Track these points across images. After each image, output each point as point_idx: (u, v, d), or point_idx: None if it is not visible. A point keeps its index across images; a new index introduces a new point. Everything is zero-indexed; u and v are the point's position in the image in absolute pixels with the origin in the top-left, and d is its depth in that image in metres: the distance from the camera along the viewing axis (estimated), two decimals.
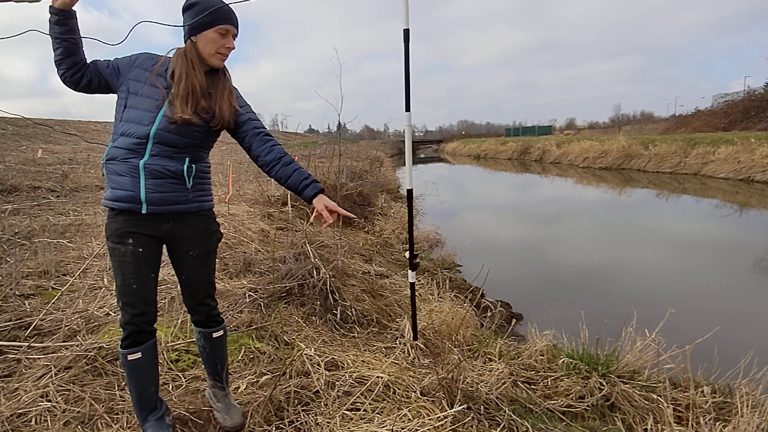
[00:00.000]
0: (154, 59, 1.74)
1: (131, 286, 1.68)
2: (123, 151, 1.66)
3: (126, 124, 1.67)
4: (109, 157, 1.68)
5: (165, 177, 1.69)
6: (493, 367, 2.80)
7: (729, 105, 30.51)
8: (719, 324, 2.96)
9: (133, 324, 1.70)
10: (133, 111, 1.67)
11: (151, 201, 1.67)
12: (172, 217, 1.73)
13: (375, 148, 30.42)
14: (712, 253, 6.95)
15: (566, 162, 24.97)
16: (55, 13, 1.58)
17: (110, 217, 1.70)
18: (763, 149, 14.21)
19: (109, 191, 1.68)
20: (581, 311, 3.30)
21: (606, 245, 7.75)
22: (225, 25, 1.71)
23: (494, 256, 7.12)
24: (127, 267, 1.68)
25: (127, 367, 1.74)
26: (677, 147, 18.18)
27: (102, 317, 2.77)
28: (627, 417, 2.59)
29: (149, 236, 1.71)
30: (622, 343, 3.02)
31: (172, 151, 1.69)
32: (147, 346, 1.75)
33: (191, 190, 1.76)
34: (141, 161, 1.65)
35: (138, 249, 1.69)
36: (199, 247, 1.82)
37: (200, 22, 1.68)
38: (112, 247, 1.69)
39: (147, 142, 1.65)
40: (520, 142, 34.46)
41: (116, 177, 1.66)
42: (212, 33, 1.70)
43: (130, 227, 1.68)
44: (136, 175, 1.65)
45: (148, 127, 1.65)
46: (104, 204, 1.71)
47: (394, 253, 6.45)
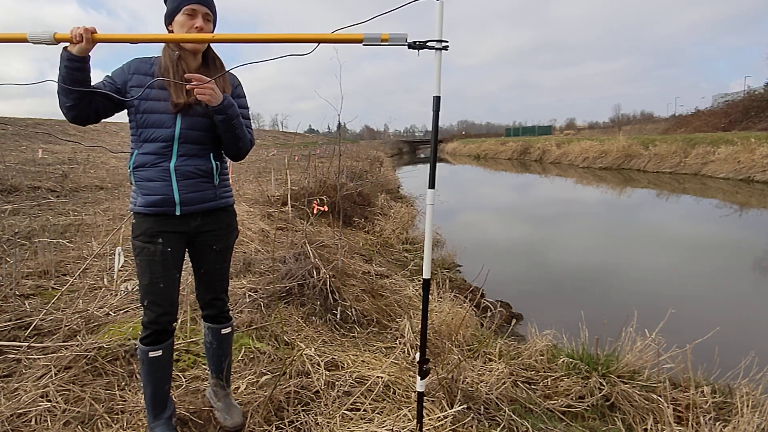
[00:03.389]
0: (149, 62, 1.73)
1: (158, 285, 1.70)
2: (152, 157, 1.68)
3: (147, 129, 1.68)
4: (137, 165, 1.69)
5: (195, 177, 1.73)
6: (493, 367, 2.80)
7: (729, 105, 30.52)
8: (719, 324, 2.96)
9: (158, 323, 1.72)
10: (151, 116, 1.67)
11: (185, 202, 1.71)
12: (200, 215, 1.78)
13: (375, 148, 30.45)
14: (712, 253, 6.95)
15: (566, 162, 24.97)
16: (74, 60, 1.53)
17: (139, 219, 1.72)
18: (763, 149, 14.22)
19: (141, 198, 1.69)
20: (581, 311, 3.30)
21: (606, 245, 7.75)
22: (191, 5, 1.67)
23: (494, 257, 7.12)
24: (155, 266, 1.70)
25: (147, 364, 1.75)
26: (677, 147, 18.19)
27: (102, 317, 2.77)
28: (627, 417, 2.59)
29: (179, 234, 1.75)
30: (622, 343, 3.01)
31: (198, 148, 1.73)
32: (167, 345, 1.78)
33: (218, 187, 1.82)
34: (171, 164, 1.68)
35: (167, 248, 1.72)
36: (222, 242, 1.87)
37: (170, 9, 1.68)
38: (141, 246, 1.70)
39: (173, 144, 1.68)
40: (520, 142, 34.47)
41: (147, 183, 1.68)
42: (181, 17, 1.67)
43: (161, 227, 1.71)
44: (167, 179, 1.68)
45: (171, 129, 1.67)
46: (136, 210, 1.72)
47: (394, 253, 6.45)
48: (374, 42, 1.47)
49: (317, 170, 8.37)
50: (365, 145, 37.82)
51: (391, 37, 1.47)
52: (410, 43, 1.49)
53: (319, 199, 6.18)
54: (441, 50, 1.49)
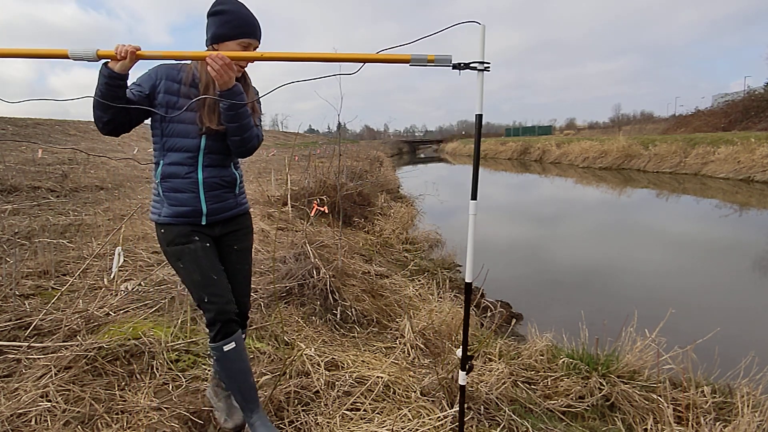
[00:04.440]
0: (178, 69, 1.72)
1: (212, 277, 1.73)
2: (180, 168, 1.71)
3: (172, 139, 1.70)
4: (165, 175, 1.72)
5: (220, 188, 1.79)
6: (493, 367, 2.80)
7: (729, 105, 30.51)
8: (720, 324, 2.97)
9: (224, 313, 1.74)
10: (177, 125, 1.69)
11: (210, 212, 1.77)
12: (222, 222, 1.84)
13: (375, 148, 30.45)
14: (712, 253, 6.95)
15: (566, 162, 24.97)
16: (116, 77, 1.52)
17: (165, 229, 1.75)
18: (763, 149, 14.22)
19: (168, 208, 1.73)
20: (581, 311, 3.30)
21: (606, 245, 7.75)
22: (248, 39, 1.70)
23: (494, 256, 7.12)
24: (203, 261, 1.74)
25: (225, 360, 1.76)
26: (677, 147, 18.18)
27: (102, 317, 2.77)
28: (627, 417, 2.60)
29: (209, 236, 1.82)
30: (623, 343, 3.02)
31: (222, 158, 1.77)
32: (238, 335, 1.79)
33: (237, 195, 1.89)
34: (199, 176, 1.73)
35: (206, 244, 1.78)
36: (242, 242, 1.93)
37: (222, 32, 1.67)
38: (180, 249, 1.74)
39: (198, 154, 1.71)
40: (520, 142, 34.47)
41: (175, 194, 1.72)
42: (234, 45, 1.68)
43: (192, 231, 1.76)
44: (195, 190, 1.73)
45: (196, 139, 1.70)
46: (161, 221, 1.75)
47: (394, 253, 6.45)
48: (421, 63, 1.50)
49: (317, 170, 8.36)
50: (365, 145, 37.82)
51: (437, 58, 1.50)
52: (455, 64, 1.53)
53: (319, 199, 6.18)
54: (483, 71, 1.54)
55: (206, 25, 1.72)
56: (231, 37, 1.67)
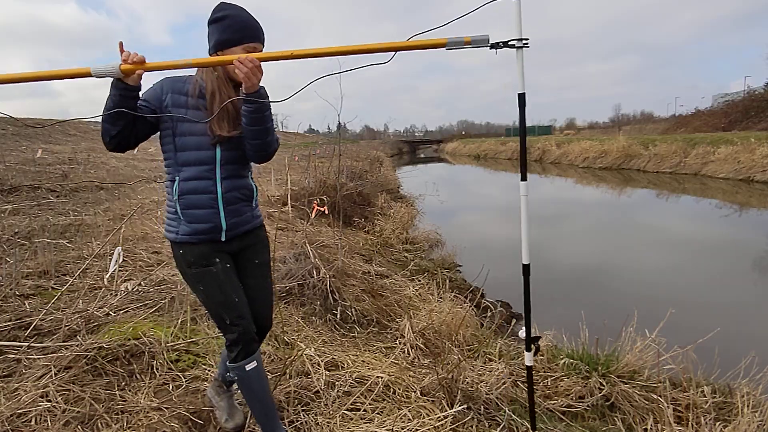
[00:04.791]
0: (183, 81, 1.67)
1: (234, 300, 1.70)
2: (198, 183, 1.65)
3: (185, 153, 1.64)
4: (183, 192, 1.65)
5: (239, 201, 1.74)
6: (493, 367, 2.81)
7: (729, 105, 30.50)
8: (720, 324, 2.97)
9: (247, 333, 1.72)
10: (189, 138, 1.63)
11: (230, 227, 1.71)
12: (240, 236, 1.78)
13: (375, 148, 30.47)
14: (712, 253, 6.95)
15: (566, 162, 24.97)
16: (130, 89, 1.50)
17: (184, 248, 1.69)
18: (763, 149, 14.21)
19: (186, 226, 1.67)
20: (581, 311, 3.30)
21: (606, 245, 7.75)
22: (253, 43, 1.66)
23: (494, 256, 7.12)
24: (225, 284, 1.70)
25: (247, 380, 1.75)
26: (677, 147, 18.18)
27: (102, 317, 2.77)
28: (627, 417, 2.60)
29: (227, 254, 1.76)
30: (623, 343, 3.02)
31: (238, 168, 1.72)
32: (257, 353, 1.78)
33: (254, 207, 1.84)
34: (218, 190, 1.67)
35: (227, 264, 1.73)
36: (261, 255, 1.88)
37: (226, 38, 1.63)
38: (200, 272, 1.69)
39: (215, 166, 1.66)
40: None
41: (194, 211, 1.66)
42: (240, 50, 1.63)
43: (212, 250, 1.70)
44: (215, 206, 1.67)
45: (211, 150, 1.65)
46: (180, 240, 1.69)
47: (394, 253, 6.45)
48: (457, 46, 1.45)
49: (317, 170, 8.37)
50: (365, 145, 37.84)
51: (474, 39, 1.46)
52: (492, 44, 1.47)
53: (319, 199, 6.18)
54: (522, 48, 1.49)
55: (208, 33, 1.68)
56: (235, 43, 1.63)
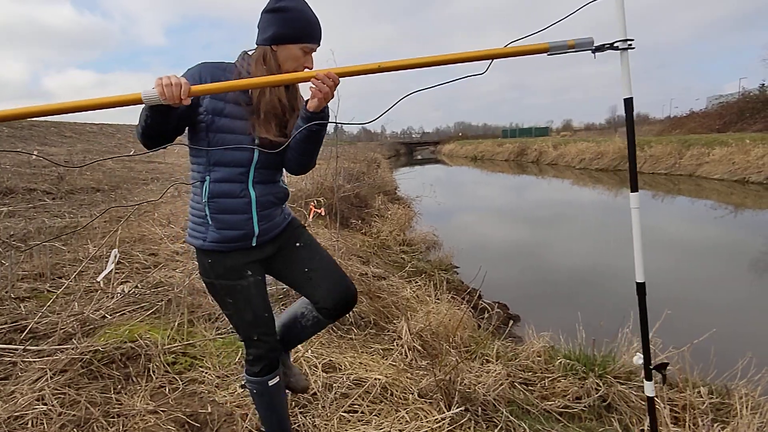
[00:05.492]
0: (224, 69, 1.50)
1: (264, 316, 1.62)
2: (232, 186, 1.51)
3: (220, 152, 1.48)
4: (214, 194, 1.50)
5: (273, 206, 1.62)
6: (491, 369, 2.81)
7: (723, 106, 30.61)
8: (716, 325, 2.97)
9: (274, 351, 1.66)
10: (226, 135, 1.47)
11: (261, 233, 1.59)
12: (271, 239, 1.66)
13: (372, 150, 30.46)
14: (707, 254, 6.99)
15: (563, 163, 25.05)
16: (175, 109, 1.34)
17: (213, 257, 1.56)
18: (758, 150, 14.31)
19: (215, 232, 1.52)
20: (578, 312, 3.32)
21: (602, 247, 7.77)
22: (312, 43, 1.52)
23: (491, 258, 7.14)
24: (255, 300, 1.60)
25: (268, 395, 1.70)
26: (672, 148, 18.27)
27: (98, 320, 2.76)
28: (624, 417, 2.60)
29: (260, 262, 1.64)
30: (619, 344, 3.03)
31: (272, 173, 1.59)
32: (279, 368, 1.72)
33: (284, 209, 1.72)
34: (252, 194, 1.53)
35: (258, 277, 1.63)
36: (301, 238, 1.73)
37: (285, 32, 1.47)
38: (230, 285, 1.57)
39: (250, 169, 1.52)
40: (517, 144, 34.55)
41: (225, 216, 1.52)
42: (297, 49, 1.49)
43: (244, 259, 1.59)
44: (249, 211, 1.54)
45: (248, 152, 1.49)
46: (207, 248, 1.55)
47: (392, 254, 6.46)
48: (561, 50, 1.38)
49: (314, 172, 8.37)
50: (362, 146, 37.82)
51: (578, 43, 1.38)
52: (597, 47, 1.39)
53: (316, 201, 6.18)
54: (627, 50, 1.40)
55: (262, 21, 1.50)
56: (294, 40, 1.48)
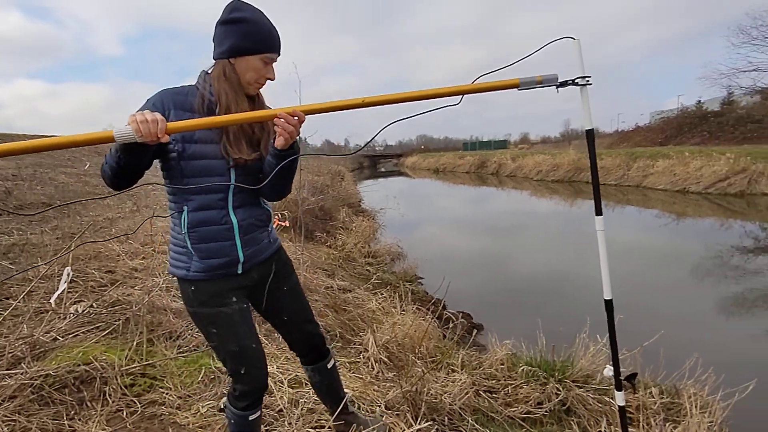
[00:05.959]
0: (186, 93, 1.45)
1: (250, 347, 1.56)
2: (211, 213, 1.47)
3: (195, 179, 1.44)
4: (193, 224, 1.46)
5: (256, 229, 1.58)
6: (456, 378, 2.86)
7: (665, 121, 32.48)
8: (664, 327, 3.14)
9: (262, 387, 1.61)
10: (199, 162, 1.43)
11: (247, 259, 1.55)
12: (258, 266, 1.62)
13: (336, 163, 30.40)
14: (654, 260, 7.39)
15: (521, 175, 25.88)
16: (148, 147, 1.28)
17: (196, 285, 1.51)
18: (696, 163, 15.35)
19: (198, 262, 1.48)
20: (538, 320, 3.43)
21: (560, 256, 8.07)
22: (272, 53, 1.48)
23: (455, 268, 7.26)
24: (240, 328, 1.54)
25: (247, 427, 1.64)
26: (621, 160, 19.27)
27: (49, 342, 2.61)
28: (582, 420, 2.69)
29: (243, 289, 1.60)
30: (577, 349, 3.14)
31: (251, 194, 1.54)
32: (261, 404, 1.69)
33: (270, 231, 1.68)
34: (234, 219, 1.50)
35: (243, 305, 1.58)
36: (289, 280, 1.73)
37: (243, 45, 1.43)
38: (215, 313, 1.51)
39: (228, 195, 1.49)
40: (478, 156, 35.42)
41: (208, 245, 1.48)
42: (257, 60, 1.45)
43: (228, 286, 1.54)
44: (231, 237, 1.50)
45: (224, 176, 1.46)
46: (191, 277, 1.50)
47: (357, 266, 6.46)
48: (530, 85, 1.50)
49: None
50: (326, 159, 37.70)
51: (544, 79, 1.52)
52: (561, 82, 1.55)
53: (280, 213, 6.11)
54: (585, 85, 1.57)
55: (218, 34, 1.46)
56: (254, 51, 1.44)
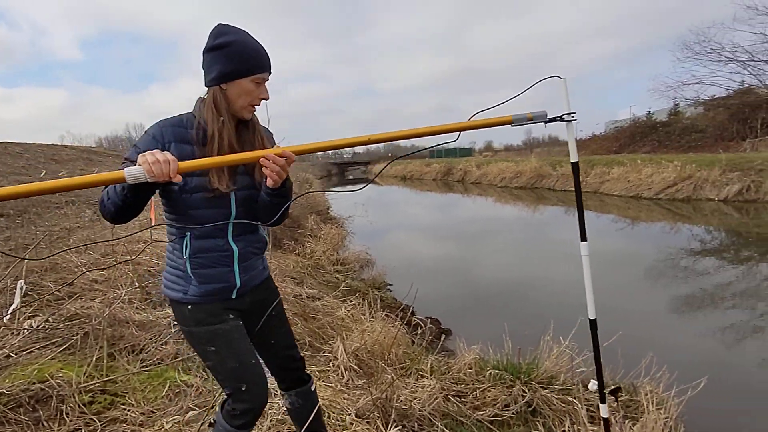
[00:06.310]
0: (184, 124, 1.46)
1: (250, 362, 1.55)
2: (213, 241, 1.50)
3: (197, 210, 1.45)
4: (195, 251, 1.49)
5: (253, 257, 1.61)
6: (425, 384, 2.88)
7: (618, 131, 33.88)
8: (621, 328, 3.28)
9: (262, 405, 1.58)
10: (200, 195, 1.44)
11: (242, 285, 1.58)
12: (251, 291, 1.63)
13: (304, 170, 30.13)
14: (611, 263, 7.71)
15: (486, 182, 26.45)
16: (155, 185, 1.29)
17: (193, 307, 1.52)
18: (648, 170, 16.16)
19: (196, 287, 1.50)
20: (504, 323, 3.51)
21: (525, 260, 8.31)
22: (262, 73, 1.46)
23: (423, 274, 7.34)
24: (238, 343, 1.54)
25: None
26: (580, 168, 20.04)
27: (1, 360, 2.46)
28: (547, 420, 2.76)
29: (238, 311, 1.61)
30: (541, 351, 3.23)
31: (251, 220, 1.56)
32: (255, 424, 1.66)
33: (264, 259, 1.72)
34: (234, 247, 1.53)
35: (239, 322, 1.58)
36: (278, 306, 1.76)
37: (232, 68, 1.42)
38: (212, 330, 1.51)
39: (229, 224, 1.51)
40: (444, 164, 35.96)
41: (207, 270, 1.51)
42: (248, 82, 1.43)
43: (224, 306, 1.56)
44: (230, 264, 1.53)
45: (226, 209, 1.49)
46: (187, 300, 1.52)
47: (326, 274, 6.43)
48: (522, 122, 1.64)
49: None
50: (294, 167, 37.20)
51: (535, 115, 1.67)
52: (550, 119, 1.70)
53: None
54: (571, 121, 1.75)
55: (206, 61, 1.45)
56: (244, 74, 1.42)
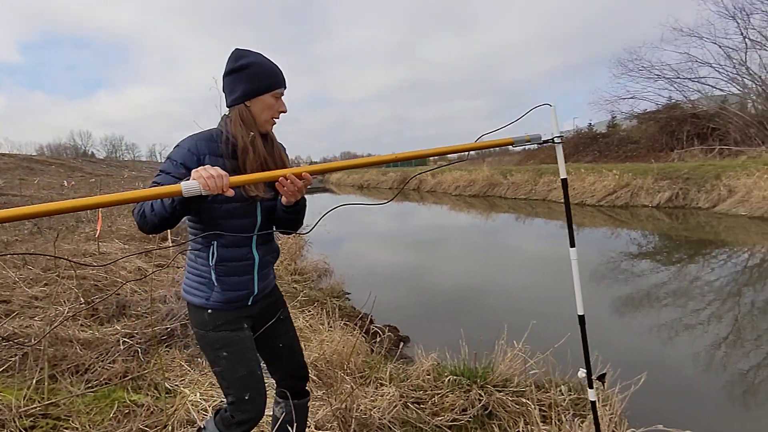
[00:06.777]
0: (213, 138, 1.55)
1: (256, 373, 1.62)
2: (238, 250, 1.59)
3: (226, 220, 1.53)
4: (222, 259, 1.57)
5: (269, 265, 1.72)
6: (385, 392, 2.90)
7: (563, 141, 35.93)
8: (570, 330, 3.46)
9: (262, 414, 1.63)
10: (231, 205, 1.53)
11: (259, 292, 1.67)
12: (262, 298, 1.73)
13: None
14: (559, 268, 8.09)
15: (441, 190, 26.98)
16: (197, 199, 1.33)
17: (214, 312, 1.59)
18: (590, 178, 17.17)
19: (219, 294, 1.58)
20: (461, 329, 3.60)
21: (478, 267, 8.54)
22: (280, 88, 1.60)
23: (380, 282, 7.38)
24: (249, 353, 1.62)
25: None
26: (529, 176, 20.91)
27: None
28: (503, 422, 2.84)
29: (250, 318, 1.69)
30: (496, 354, 3.33)
31: (270, 234, 1.70)
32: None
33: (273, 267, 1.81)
34: (256, 257, 1.63)
35: (251, 332, 1.68)
36: (285, 310, 1.85)
37: (255, 87, 1.54)
38: (228, 336, 1.59)
39: (254, 233, 1.61)
40: (400, 173, 36.36)
41: (231, 278, 1.59)
42: (269, 98, 1.57)
43: (241, 314, 1.64)
44: (251, 272, 1.63)
45: (253, 218, 1.60)
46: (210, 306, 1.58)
47: (283, 284, 6.32)
48: (521, 143, 1.83)
49: None
50: None
51: (531, 137, 1.85)
52: (543, 141, 1.89)
53: None
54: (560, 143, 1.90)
55: (228, 83, 1.58)
56: (265, 90, 1.56)
